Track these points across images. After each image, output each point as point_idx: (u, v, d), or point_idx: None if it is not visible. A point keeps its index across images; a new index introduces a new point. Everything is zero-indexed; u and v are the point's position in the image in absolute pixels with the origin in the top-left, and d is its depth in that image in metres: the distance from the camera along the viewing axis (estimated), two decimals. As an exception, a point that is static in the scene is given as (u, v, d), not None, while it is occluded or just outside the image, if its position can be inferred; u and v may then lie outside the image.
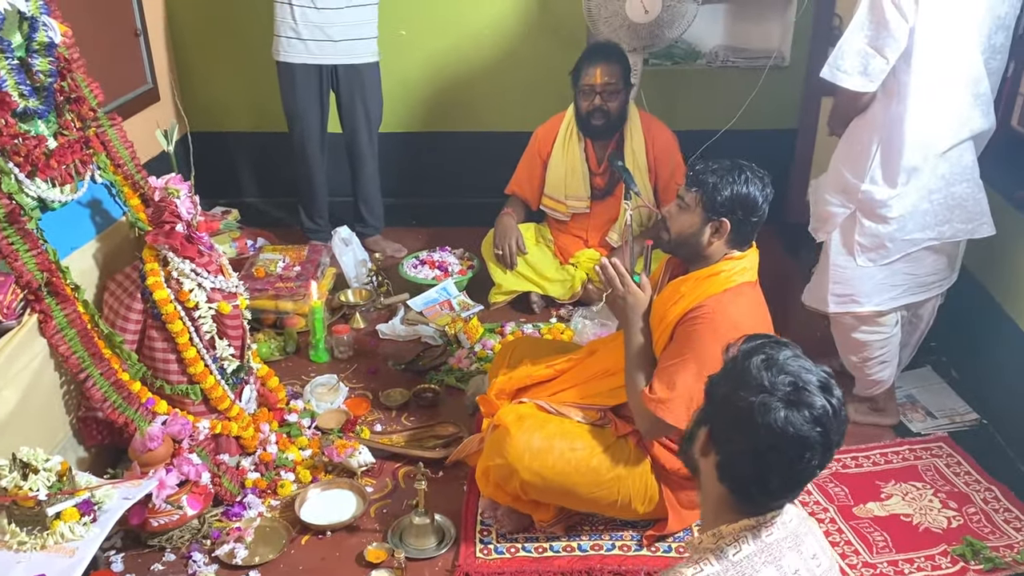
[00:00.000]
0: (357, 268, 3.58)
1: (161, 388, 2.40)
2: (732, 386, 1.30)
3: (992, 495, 2.48)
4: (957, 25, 2.30)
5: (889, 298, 2.59)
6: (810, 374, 1.28)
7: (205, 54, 4.19)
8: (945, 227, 2.50)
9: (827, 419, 1.25)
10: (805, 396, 1.25)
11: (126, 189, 2.57)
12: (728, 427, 1.31)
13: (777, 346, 1.33)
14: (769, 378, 1.27)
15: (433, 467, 2.53)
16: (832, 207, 2.54)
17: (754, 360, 1.29)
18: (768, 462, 1.27)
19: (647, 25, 3.60)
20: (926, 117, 2.36)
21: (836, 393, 1.29)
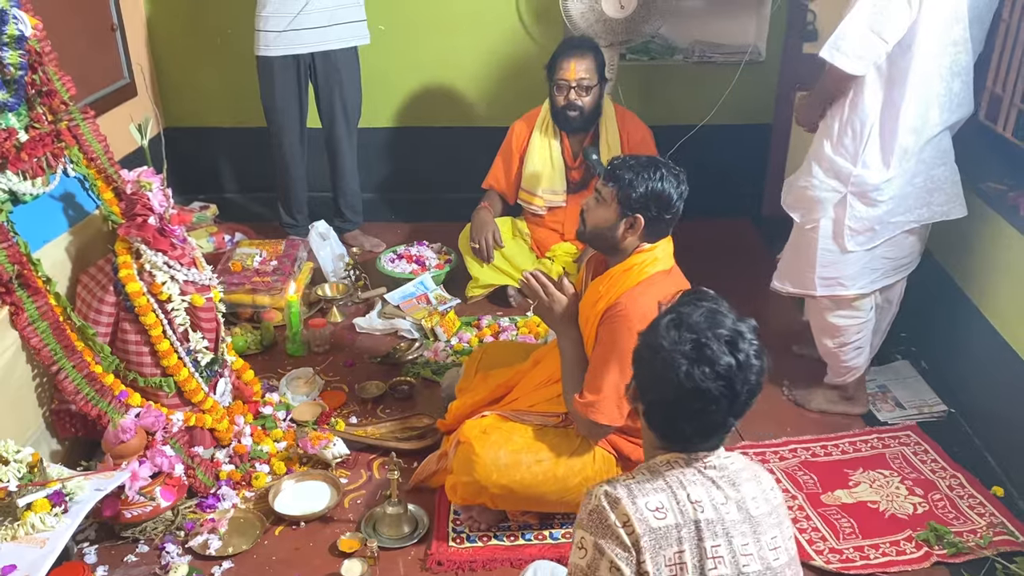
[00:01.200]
0: (334, 262, 3.60)
1: (134, 381, 2.41)
2: (646, 343, 1.41)
3: (957, 482, 2.52)
4: (955, 14, 2.34)
5: (870, 281, 2.63)
6: (719, 329, 1.36)
7: (183, 49, 4.18)
8: (924, 209, 2.55)
9: (731, 373, 1.33)
10: (707, 353, 1.33)
11: (99, 182, 2.57)
12: (645, 380, 1.42)
13: (695, 304, 1.40)
14: (675, 336, 1.36)
15: (407, 458, 2.55)
16: (821, 191, 2.56)
17: (664, 319, 1.39)
18: (678, 412, 1.38)
19: (623, 20, 3.63)
20: (922, 102, 2.40)
21: (744, 347, 1.35)
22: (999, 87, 2.84)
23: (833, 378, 2.84)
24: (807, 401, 2.87)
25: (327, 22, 3.53)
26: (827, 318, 2.70)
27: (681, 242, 2.30)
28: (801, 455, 2.65)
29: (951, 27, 2.35)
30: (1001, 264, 2.63)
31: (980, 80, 2.85)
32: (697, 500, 1.37)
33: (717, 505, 1.38)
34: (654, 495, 1.36)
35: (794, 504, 2.44)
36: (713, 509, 1.37)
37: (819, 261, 2.61)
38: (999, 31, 2.80)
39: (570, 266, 3.47)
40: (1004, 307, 2.62)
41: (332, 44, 3.58)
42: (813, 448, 2.68)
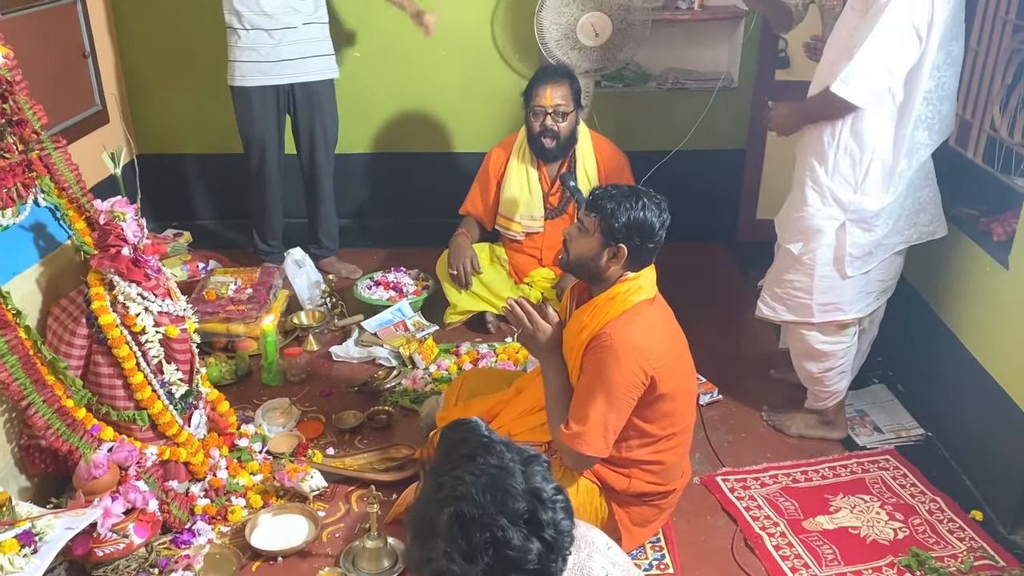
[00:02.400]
0: (310, 290, 3.57)
1: (107, 414, 2.36)
2: (421, 538, 1.12)
3: (937, 506, 2.53)
4: (953, 40, 2.40)
5: (865, 305, 2.66)
6: (513, 503, 1.09)
7: (156, 76, 4.15)
8: (912, 231, 2.59)
9: (543, 561, 1.09)
10: (510, 555, 1.07)
11: (71, 212, 2.53)
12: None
13: (467, 468, 1.13)
14: (462, 545, 1.07)
15: (386, 490, 2.51)
16: (819, 219, 2.56)
17: (442, 519, 1.09)
18: None
19: (598, 48, 3.66)
20: (915, 126, 2.44)
21: (548, 516, 1.10)
22: (968, 113, 2.89)
23: (813, 403, 2.84)
24: (786, 426, 2.88)
25: (304, 54, 3.53)
26: (813, 344, 2.71)
27: (657, 267, 2.31)
28: (782, 481, 2.65)
29: (936, 52, 2.39)
30: (974, 288, 2.67)
31: (950, 107, 2.90)
32: None
33: None
34: None
35: (776, 531, 2.44)
36: None
37: (817, 288, 2.62)
38: (967, 59, 2.86)
39: (548, 292, 3.47)
40: (978, 331, 2.65)
41: (310, 76, 3.58)
42: (793, 474, 2.68)
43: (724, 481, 2.64)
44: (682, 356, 2.25)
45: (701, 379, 3.06)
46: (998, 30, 2.73)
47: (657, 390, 2.12)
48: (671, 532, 2.43)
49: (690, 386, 2.30)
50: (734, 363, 3.29)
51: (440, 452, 1.19)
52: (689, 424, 2.31)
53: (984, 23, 2.80)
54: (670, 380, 2.13)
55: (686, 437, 2.32)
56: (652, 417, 2.17)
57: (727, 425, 2.93)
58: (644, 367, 2.08)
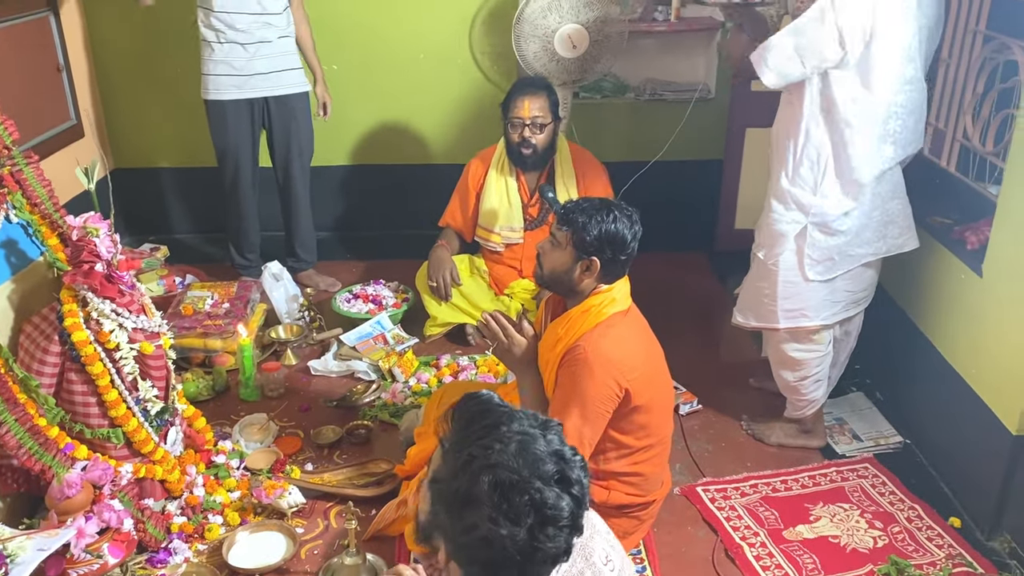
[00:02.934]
0: (288, 304, 3.54)
1: (81, 433, 2.33)
2: (459, 509, 1.17)
3: (915, 514, 2.54)
4: (907, 53, 2.42)
5: (832, 313, 2.67)
6: (543, 465, 1.16)
7: (131, 90, 4.13)
8: (881, 243, 2.61)
9: (574, 516, 1.16)
10: (548, 513, 1.14)
11: (44, 228, 2.50)
12: (469, 555, 1.19)
13: (496, 435, 1.18)
14: (505, 507, 1.13)
15: (365, 505, 2.50)
16: (783, 224, 2.59)
17: (483, 483, 1.15)
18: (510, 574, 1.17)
19: (576, 60, 3.67)
20: (875, 139, 2.46)
21: (574, 474, 1.18)
22: (941, 123, 2.92)
23: (792, 412, 2.85)
24: (766, 435, 2.88)
25: (278, 67, 3.52)
26: (787, 352, 2.72)
27: (636, 277, 2.31)
28: (762, 490, 2.65)
29: (904, 66, 2.42)
30: (949, 296, 2.69)
31: (923, 117, 2.93)
32: None
33: None
34: None
35: (756, 541, 2.44)
36: None
37: (780, 294, 2.63)
38: (939, 70, 2.89)
39: (529, 303, 3.46)
40: (954, 339, 2.67)
41: (285, 89, 3.57)
42: (773, 483, 2.68)
43: (704, 491, 2.64)
44: (657, 367, 2.25)
45: (681, 389, 3.07)
46: (968, 41, 2.76)
47: (632, 402, 2.12)
48: (652, 543, 2.42)
49: (666, 397, 2.30)
50: (714, 373, 3.30)
51: (459, 426, 1.23)
52: (666, 435, 2.31)
53: (955, 34, 2.83)
54: (645, 392, 2.13)
55: (664, 448, 2.31)
56: (628, 429, 2.17)
57: (707, 435, 2.93)
58: (618, 379, 2.08)
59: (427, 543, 1.28)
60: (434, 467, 1.25)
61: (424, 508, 1.26)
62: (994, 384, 2.44)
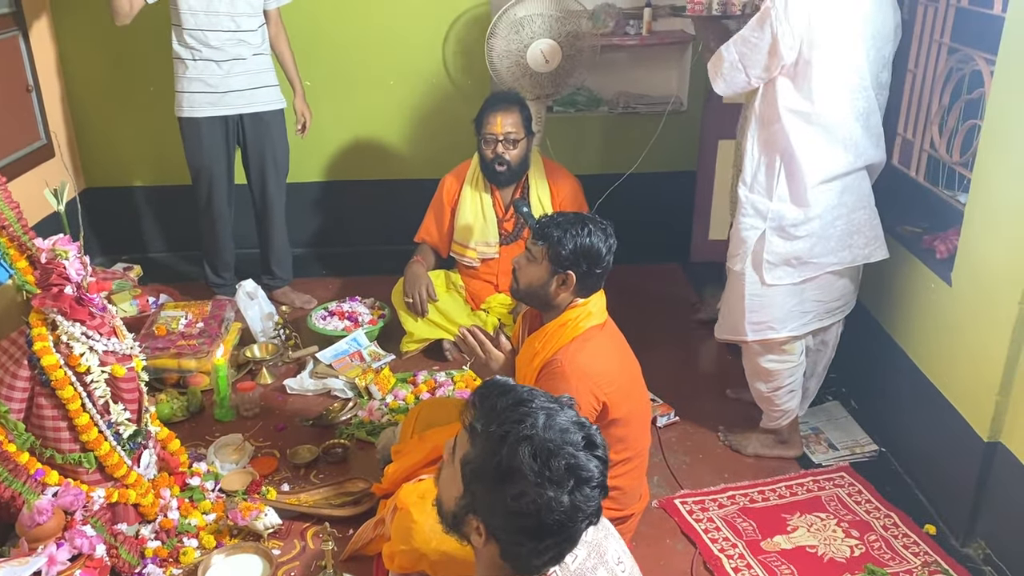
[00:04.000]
0: (263, 322, 3.52)
1: (51, 458, 2.29)
2: (501, 482, 1.25)
3: (891, 522, 2.56)
4: (849, 61, 2.44)
5: (801, 324, 2.68)
6: (572, 434, 1.26)
7: (102, 109, 4.10)
8: (846, 252, 2.62)
9: (602, 476, 1.27)
10: (582, 474, 1.24)
11: (12, 251, 2.46)
12: (507, 522, 1.27)
13: (527, 409, 1.28)
14: (546, 472, 1.23)
15: (342, 525, 2.48)
16: (744, 231, 2.62)
17: (522, 453, 1.24)
18: (548, 540, 1.27)
19: (549, 74, 3.69)
20: (823, 145, 2.48)
21: (597, 438, 1.29)
22: (910, 133, 2.96)
23: (768, 422, 2.87)
24: (742, 446, 2.89)
25: (253, 84, 3.52)
26: (759, 362, 2.74)
27: (612, 288, 2.33)
28: (739, 501, 2.66)
29: (849, 75, 2.45)
30: (919, 305, 2.72)
31: (892, 126, 2.97)
32: None
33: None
34: None
35: (735, 552, 2.44)
36: None
37: (748, 306, 2.65)
38: (907, 81, 2.93)
39: (506, 317, 3.46)
40: (925, 346, 2.69)
41: (260, 106, 3.56)
42: (751, 494, 2.69)
43: (683, 504, 2.65)
44: (634, 380, 2.26)
45: (658, 400, 3.08)
46: (934, 52, 2.80)
47: (610, 415, 2.12)
48: (631, 557, 2.42)
49: (643, 410, 2.31)
50: (690, 384, 3.32)
51: (486, 408, 1.30)
52: (644, 448, 2.31)
53: (920, 45, 2.87)
54: (622, 405, 2.14)
55: (642, 461, 2.32)
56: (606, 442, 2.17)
57: (684, 447, 2.94)
58: (595, 392, 2.08)
59: (456, 530, 1.35)
60: (462, 451, 1.31)
61: (453, 494, 1.33)
62: (965, 391, 2.46)
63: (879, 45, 2.50)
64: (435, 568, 2.17)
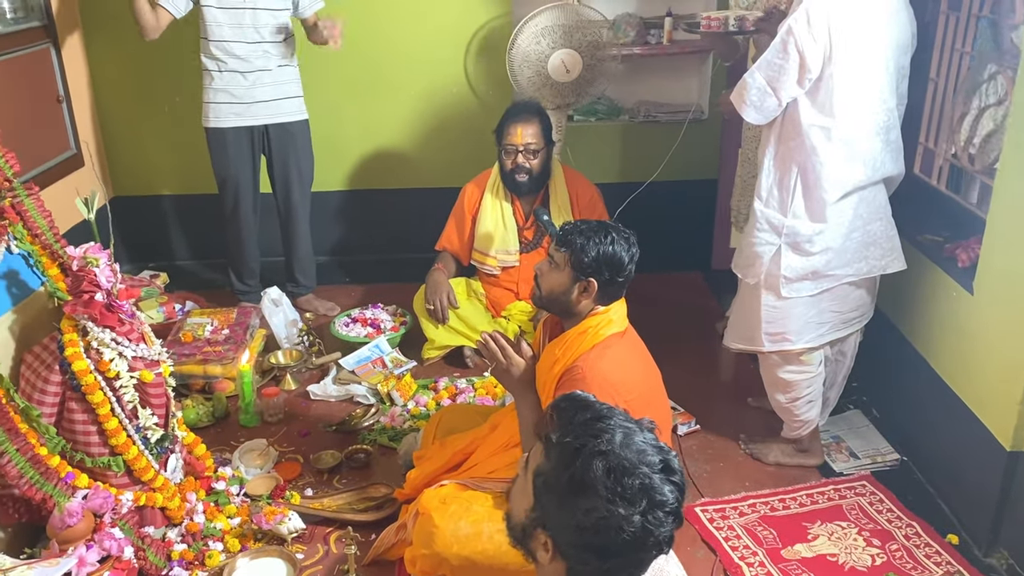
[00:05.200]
0: (287, 329, 3.56)
1: (81, 461, 2.34)
2: (573, 496, 1.22)
3: (913, 531, 2.55)
4: (869, 75, 2.44)
5: (818, 335, 2.68)
6: (650, 456, 1.22)
7: (131, 119, 4.17)
8: (862, 263, 2.61)
9: (678, 503, 1.22)
10: (656, 497, 1.20)
11: (44, 259, 2.53)
12: (576, 538, 1.23)
13: (603, 426, 1.25)
14: (617, 489, 1.19)
15: (365, 530, 2.50)
16: (759, 246, 2.62)
17: (596, 467, 1.21)
18: (621, 560, 1.23)
19: (569, 84, 3.72)
20: (842, 160, 2.48)
21: (675, 464, 1.24)
22: (931, 142, 2.96)
23: (788, 432, 2.86)
24: (763, 455, 2.89)
25: (279, 95, 3.57)
26: (777, 373, 2.74)
27: (633, 297, 2.33)
28: (760, 510, 2.66)
29: (868, 87, 2.44)
30: (941, 314, 2.71)
31: (913, 136, 2.97)
32: None
33: None
34: None
35: (755, 560, 2.44)
36: None
37: (764, 317, 2.65)
38: (928, 90, 2.93)
39: (526, 325, 3.48)
40: (946, 355, 2.68)
41: (284, 117, 3.61)
42: (771, 502, 2.69)
43: (703, 512, 2.65)
44: (654, 388, 2.27)
45: (679, 409, 3.08)
46: (956, 61, 2.80)
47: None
48: (651, 565, 2.42)
49: (664, 418, 2.31)
50: (711, 393, 3.32)
51: (563, 420, 1.28)
52: (665, 456, 2.31)
53: (943, 54, 2.87)
54: (643, 412, 2.12)
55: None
56: (626, 451, 2.18)
57: (705, 455, 2.94)
58: (615, 400, 2.09)
59: (523, 545, 1.32)
60: (536, 463, 1.29)
61: (524, 506, 1.30)
62: (987, 401, 2.45)
63: (897, 56, 2.49)
64: (456, 573, 2.19)
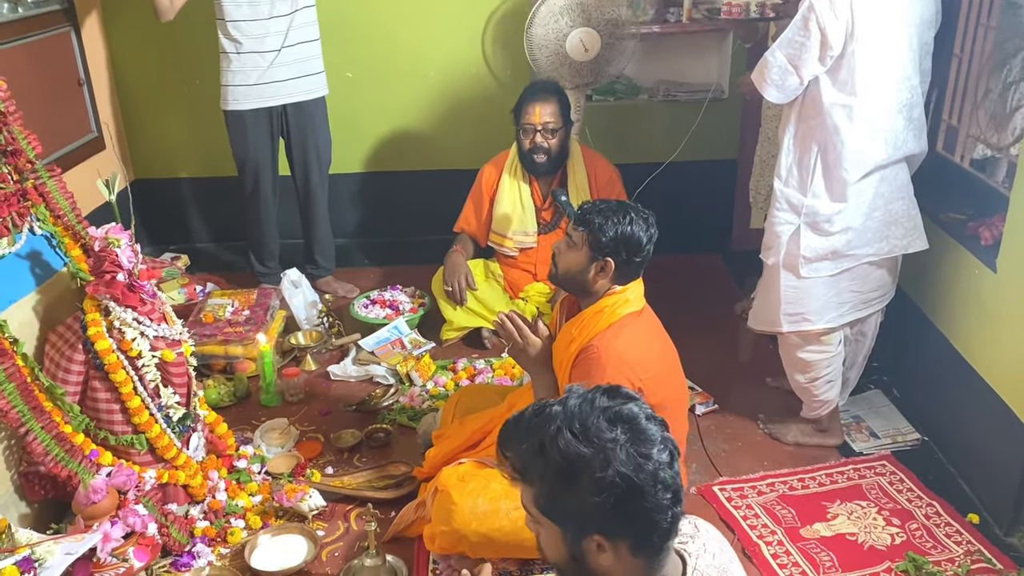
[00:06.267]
0: (307, 310, 3.59)
1: (105, 439, 2.38)
2: (579, 481, 1.19)
3: (934, 510, 2.54)
4: (892, 52, 2.41)
5: (837, 315, 2.66)
6: (595, 394, 1.26)
7: (151, 101, 4.19)
8: (883, 243, 2.59)
9: (644, 409, 1.27)
10: (624, 412, 1.23)
11: (67, 240, 2.55)
12: (602, 511, 1.19)
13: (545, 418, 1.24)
14: (588, 438, 1.19)
15: (385, 507, 2.53)
16: (779, 226, 2.60)
17: (561, 445, 1.20)
18: (650, 512, 1.20)
19: (588, 63, 3.69)
20: (863, 138, 2.45)
21: (622, 391, 1.29)
22: (954, 119, 2.92)
23: (807, 412, 2.86)
24: (782, 434, 2.88)
25: (296, 74, 3.57)
26: (796, 354, 2.73)
27: (651, 277, 2.33)
28: (779, 489, 2.65)
29: (891, 64, 2.41)
30: (964, 292, 2.68)
31: (936, 113, 2.93)
32: None
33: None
34: None
35: (773, 539, 2.44)
36: None
37: (783, 298, 2.64)
38: (951, 66, 2.89)
39: (544, 306, 3.49)
40: (969, 334, 2.66)
41: (302, 95, 3.62)
42: (790, 481, 2.69)
43: (721, 490, 2.65)
44: (671, 367, 2.27)
45: (697, 389, 3.08)
46: (980, 36, 2.76)
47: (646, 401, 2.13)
48: (669, 543, 2.43)
49: (681, 397, 2.31)
50: (730, 373, 3.31)
51: (511, 444, 1.27)
52: (681, 435, 2.32)
53: (967, 29, 2.82)
54: (659, 391, 2.15)
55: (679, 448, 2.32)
56: (643, 429, 2.18)
57: (724, 434, 2.94)
58: (631, 378, 2.09)
59: (588, 570, 1.25)
60: (528, 497, 1.26)
61: (557, 541, 1.25)
62: (1010, 379, 2.43)
63: (921, 32, 2.46)
64: (475, 549, 2.21)
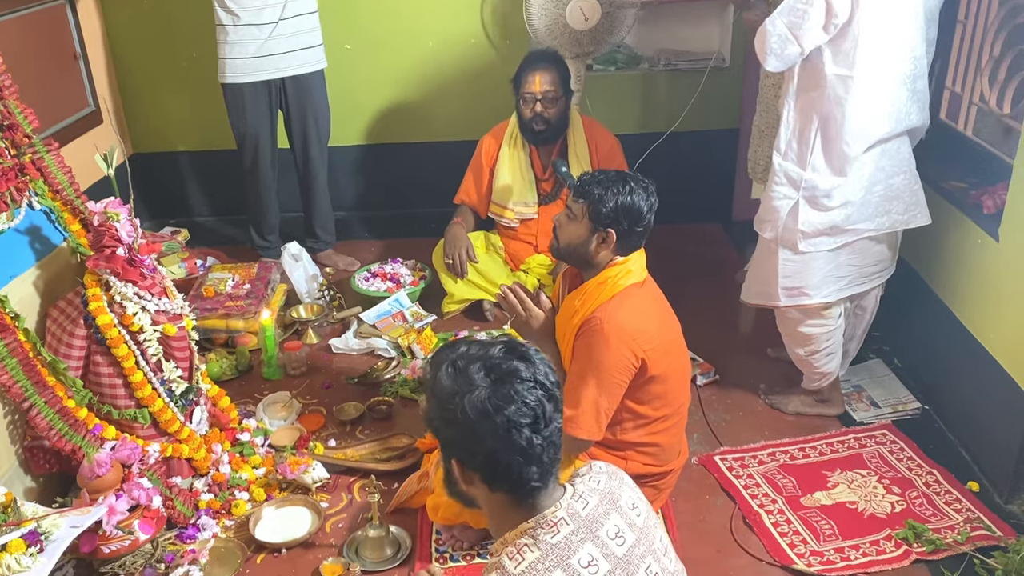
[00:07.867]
0: (308, 283, 3.59)
1: (108, 413, 2.39)
2: (440, 407, 1.30)
3: (933, 479, 2.55)
4: (897, 23, 2.37)
5: (835, 289, 2.65)
6: (493, 348, 1.32)
7: (149, 75, 4.16)
8: (884, 218, 2.57)
9: (533, 370, 1.30)
10: (501, 365, 1.29)
11: (66, 214, 2.55)
12: (465, 444, 1.30)
13: (452, 349, 1.34)
14: (461, 379, 1.28)
15: (388, 479, 2.54)
16: (777, 200, 2.59)
17: (441, 373, 1.31)
18: (508, 453, 1.28)
19: (588, 32, 3.65)
20: (866, 111, 2.42)
21: (522, 351, 1.33)
22: (958, 86, 2.89)
23: (808, 384, 2.86)
24: (783, 405, 2.89)
25: (294, 47, 3.54)
26: (796, 328, 2.72)
27: (653, 248, 2.32)
28: (780, 458, 2.67)
29: (894, 37, 2.37)
30: (966, 261, 2.67)
31: (940, 80, 2.90)
32: (614, 535, 1.32)
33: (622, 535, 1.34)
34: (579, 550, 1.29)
35: (774, 508, 2.46)
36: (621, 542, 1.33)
37: (781, 271, 2.62)
38: (956, 33, 2.86)
39: (545, 278, 3.48)
40: (971, 303, 2.66)
41: (301, 68, 3.59)
42: (791, 451, 2.70)
43: (722, 460, 2.66)
44: (673, 338, 2.27)
45: (698, 359, 3.08)
46: (985, 2, 2.72)
47: (648, 372, 2.14)
48: (670, 512, 2.45)
49: (682, 367, 2.32)
50: (731, 343, 3.31)
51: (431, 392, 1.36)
52: (683, 404, 2.33)
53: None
54: (661, 361, 2.15)
55: (680, 418, 2.34)
56: (645, 399, 2.19)
57: (725, 404, 2.95)
58: (634, 349, 2.10)
59: (460, 495, 1.40)
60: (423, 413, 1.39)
61: (449, 473, 1.37)
62: (1011, 348, 2.43)
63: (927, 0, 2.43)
64: (476, 519, 2.23)
